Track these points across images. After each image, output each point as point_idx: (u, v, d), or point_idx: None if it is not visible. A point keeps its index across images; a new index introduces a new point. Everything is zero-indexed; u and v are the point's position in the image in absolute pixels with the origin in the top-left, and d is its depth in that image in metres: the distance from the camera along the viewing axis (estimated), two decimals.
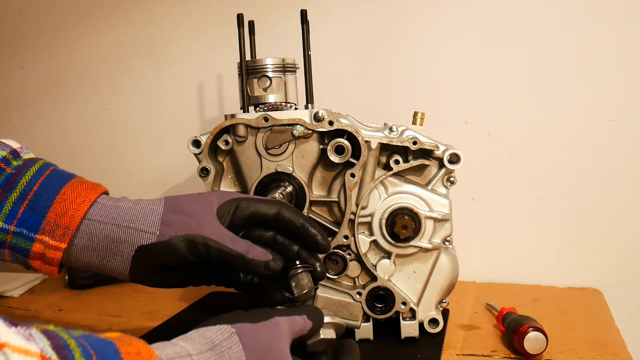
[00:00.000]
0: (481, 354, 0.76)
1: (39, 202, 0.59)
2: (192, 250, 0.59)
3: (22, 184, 0.59)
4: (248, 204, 0.63)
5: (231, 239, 0.59)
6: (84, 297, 1.03)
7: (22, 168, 0.61)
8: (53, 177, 0.61)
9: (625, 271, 1.01)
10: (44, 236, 0.59)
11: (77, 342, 0.39)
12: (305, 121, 0.75)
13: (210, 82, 1.18)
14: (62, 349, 0.37)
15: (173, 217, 0.60)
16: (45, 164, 0.62)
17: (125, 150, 1.25)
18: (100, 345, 0.40)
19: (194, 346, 0.47)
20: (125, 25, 1.22)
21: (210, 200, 0.62)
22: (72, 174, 0.63)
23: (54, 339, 0.38)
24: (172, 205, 0.61)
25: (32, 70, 1.30)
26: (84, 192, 0.60)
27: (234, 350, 0.48)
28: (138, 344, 0.43)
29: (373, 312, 0.77)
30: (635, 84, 0.98)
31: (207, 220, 0.60)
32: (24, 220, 0.58)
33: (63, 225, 0.59)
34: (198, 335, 0.48)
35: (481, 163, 1.04)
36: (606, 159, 1.00)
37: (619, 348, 0.76)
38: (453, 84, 1.05)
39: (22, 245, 0.59)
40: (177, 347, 0.46)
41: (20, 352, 0.34)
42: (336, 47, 1.09)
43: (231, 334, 0.49)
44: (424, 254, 0.77)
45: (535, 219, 1.04)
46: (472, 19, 1.03)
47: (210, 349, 0.47)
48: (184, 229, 0.59)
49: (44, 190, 0.59)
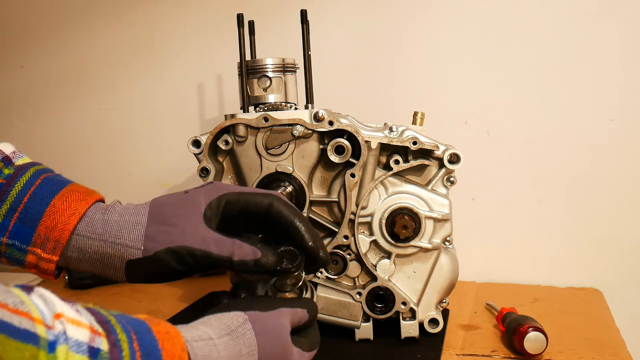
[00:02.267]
0: (481, 354, 0.76)
1: (29, 215, 0.58)
2: (179, 260, 0.58)
3: (12, 195, 0.59)
4: (238, 199, 0.61)
5: (216, 243, 0.58)
6: (84, 297, 1.03)
7: (12, 178, 0.60)
8: (44, 187, 0.60)
9: (625, 271, 1.01)
10: (35, 248, 0.59)
11: (116, 318, 0.43)
12: (305, 121, 0.75)
13: (210, 82, 1.18)
14: (105, 323, 0.41)
15: (156, 229, 0.59)
16: (36, 171, 0.61)
17: (125, 150, 1.25)
18: (135, 322, 0.45)
19: (213, 330, 0.51)
20: (125, 25, 1.22)
21: (198, 201, 0.60)
22: (65, 180, 0.62)
23: (97, 315, 0.42)
24: (156, 213, 0.60)
25: (32, 70, 1.30)
26: (74, 203, 0.59)
27: (248, 336, 0.52)
28: (166, 325, 0.47)
29: (373, 312, 0.77)
30: (635, 84, 0.98)
31: (190, 227, 0.58)
32: (15, 233, 0.58)
33: (53, 238, 0.58)
34: (216, 320, 0.52)
35: (481, 163, 1.04)
36: (606, 159, 1.00)
37: (619, 348, 0.76)
38: (453, 84, 1.05)
39: (16, 256, 0.59)
40: (199, 331, 0.50)
41: (74, 323, 0.38)
42: (336, 47, 1.09)
43: (245, 320, 0.53)
44: (424, 254, 0.77)
45: (535, 219, 1.04)
46: (472, 19, 1.03)
47: (228, 334, 0.51)
48: (166, 241, 0.58)
49: (33, 202, 0.59)
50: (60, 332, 0.37)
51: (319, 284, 0.78)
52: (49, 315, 0.37)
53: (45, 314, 0.37)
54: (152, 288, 1.06)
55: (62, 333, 0.37)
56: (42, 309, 0.37)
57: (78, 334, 0.38)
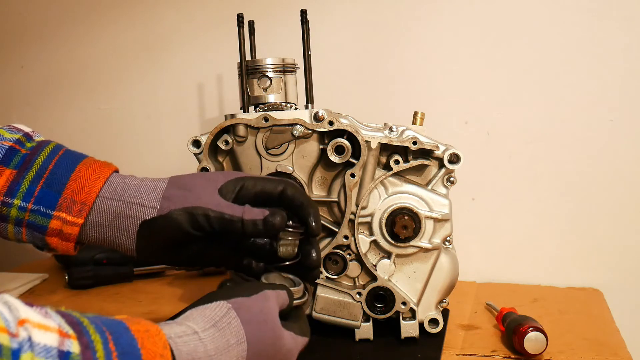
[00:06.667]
0: (481, 354, 0.76)
1: (56, 179, 0.61)
2: (193, 222, 0.60)
3: (37, 163, 0.61)
4: (255, 183, 0.64)
5: (229, 206, 0.60)
6: (84, 297, 1.03)
7: (36, 149, 0.63)
8: (67, 157, 0.63)
9: (625, 271, 1.01)
10: (61, 212, 0.60)
11: (89, 320, 0.42)
12: (305, 121, 0.75)
13: (210, 82, 1.18)
14: (77, 325, 0.40)
15: (174, 192, 0.61)
16: (57, 145, 0.64)
17: (125, 150, 1.25)
18: (111, 323, 0.43)
19: (197, 324, 0.50)
20: (125, 25, 1.22)
21: (215, 179, 0.63)
22: (84, 154, 0.65)
23: (67, 317, 0.40)
24: (176, 181, 0.63)
25: (32, 70, 1.30)
26: (98, 169, 0.62)
27: (234, 324, 0.52)
28: (146, 323, 0.46)
29: (373, 312, 0.77)
30: (635, 84, 0.98)
31: (206, 193, 0.61)
32: (41, 198, 0.60)
33: (80, 201, 0.60)
34: (198, 313, 0.52)
35: (481, 163, 1.04)
36: (606, 159, 1.00)
37: (619, 348, 0.76)
38: (453, 84, 1.05)
39: (40, 222, 0.60)
40: (183, 326, 0.49)
41: (40, 328, 0.37)
42: (336, 47, 1.09)
43: (229, 309, 0.52)
44: (424, 254, 0.77)
45: (535, 219, 1.04)
46: (472, 19, 1.03)
47: (213, 326, 0.50)
48: (183, 202, 0.60)
49: (59, 168, 0.61)
50: (25, 339, 0.36)
51: (319, 284, 0.78)
52: (13, 322, 0.36)
53: (8, 321, 0.36)
54: (152, 288, 1.06)
55: (26, 340, 0.36)
56: (6, 316, 0.36)
57: (46, 338, 0.37)
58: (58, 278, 1.12)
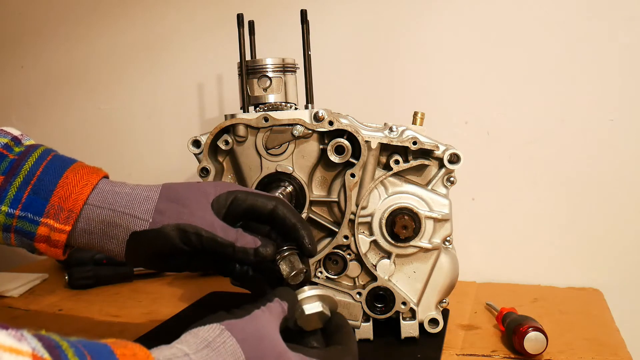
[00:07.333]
0: (481, 354, 0.76)
1: (43, 186, 0.60)
2: (184, 239, 0.59)
3: (25, 169, 0.61)
4: (245, 197, 0.63)
5: (222, 229, 0.60)
6: (84, 297, 1.03)
7: (24, 154, 0.62)
8: (55, 162, 0.62)
9: (625, 271, 1.01)
10: (48, 219, 0.60)
11: (69, 343, 0.40)
12: (305, 121, 0.75)
13: (210, 82, 1.18)
14: (54, 348, 0.38)
15: (167, 206, 0.61)
16: (46, 149, 0.64)
17: (125, 150, 1.25)
18: (93, 346, 0.41)
19: (189, 346, 0.48)
20: (125, 25, 1.22)
21: (207, 191, 0.62)
22: (73, 159, 0.64)
23: (45, 340, 0.38)
24: (168, 193, 0.62)
25: (32, 70, 1.30)
26: (86, 175, 0.62)
27: (229, 344, 0.49)
28: (134, 347, 0.43)
29: (373, 312, 0.77)
30: (634, 84, 0.98)
31: (200, 210, 0.60)
32: (28, 205, 0.60)
33: (67, 208, 0.60)
34: (191, 336, 0.50)
35: (481, 163, 1.04)
36: (606, 159, 1.00)
37: (619, 348, 0.76)
38: (453, 84, 1.05)
39: (28, 228, 0.60)
40: (174, 349, 0.47)
41: (12, 352, 0.35)
42: (336, 47, 1.09)
43: (222, 330, 0.50)
44: (424, 254, 0.77)
45: (535, 219, 1.04)
46: (472, 19, 1.03)
47: (206, 347, 0.48)
48: (176, 217, 0.60)
49: (46, 175, 0.61)
50: None
51: (319, 284, 0.78)
52: None
53: None
54: (152, 288, 1.06)
55: None
56: None
57: None
58: (58, 278, 1.12)
